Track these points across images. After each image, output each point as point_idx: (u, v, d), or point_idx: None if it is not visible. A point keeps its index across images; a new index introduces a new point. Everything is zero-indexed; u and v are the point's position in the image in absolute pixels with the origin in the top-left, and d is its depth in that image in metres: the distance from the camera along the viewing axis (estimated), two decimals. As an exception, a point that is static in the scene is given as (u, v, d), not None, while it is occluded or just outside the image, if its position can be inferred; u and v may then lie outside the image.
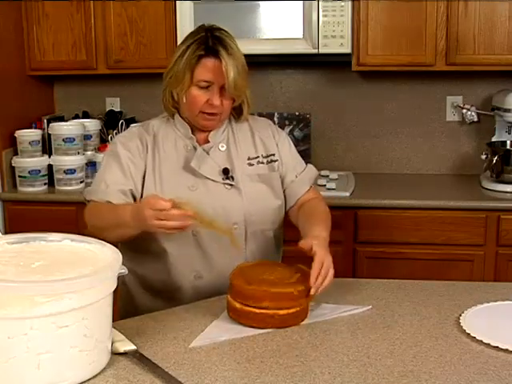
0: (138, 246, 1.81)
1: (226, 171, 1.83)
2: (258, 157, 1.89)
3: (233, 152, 1.87)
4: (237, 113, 1.91)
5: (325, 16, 2.99)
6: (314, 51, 3.01)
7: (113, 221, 1.71)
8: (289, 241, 1.93)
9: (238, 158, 1.87)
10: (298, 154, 2.00)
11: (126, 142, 1.84)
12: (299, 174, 1.95)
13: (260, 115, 2.32)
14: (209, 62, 1.76)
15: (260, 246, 1.88)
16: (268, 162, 1.90)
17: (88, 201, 1.82)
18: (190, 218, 1.53)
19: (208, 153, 1.84)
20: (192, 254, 1.80)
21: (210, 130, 1.86)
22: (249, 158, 1.88)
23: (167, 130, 1.87)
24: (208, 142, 1.86)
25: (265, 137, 1.93)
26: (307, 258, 1.87)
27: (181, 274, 1.81)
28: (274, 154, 1.92)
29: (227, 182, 1.82)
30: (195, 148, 1.84)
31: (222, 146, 1.87)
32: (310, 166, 2.01)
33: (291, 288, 1.50)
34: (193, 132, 1.87)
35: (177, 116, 1.87)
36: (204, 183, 1.82)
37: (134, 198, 1.80)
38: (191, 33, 1.82)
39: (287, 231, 1.98)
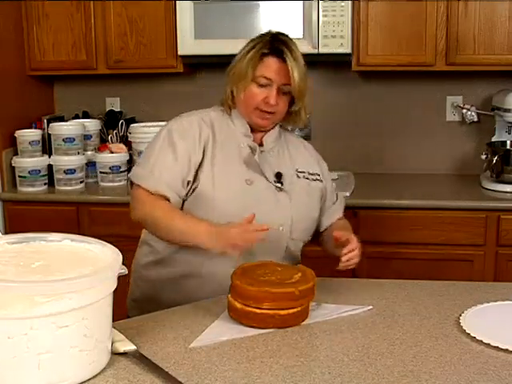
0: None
1: (278, 175, 1.88)
2: (304, 172, 1.94)
3: (283, 160, 1.92)
4: (292, 120, 1.94)
5: (325, 16, 2.99)
6: (314, 51, 3.01)
7: (177, 226, 1.72)
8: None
9: (287, 166, 1.91)
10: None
11: (183, 131, 1.83)
12: (335, 202, 2.04)
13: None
14: (272, 61, 1.81)
15: (291, 255, 1.89)
16: (313, 180, 1.95)
17: (134, 184, 1.82)
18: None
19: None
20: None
21: (263, 132, 1.90)
22: (297, 170, 1.93)
23: (224, 123, 1.89)
24: (261, 144, 1.90)
25: (312, 157, 2.01)
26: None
27: (220, 263, 1.75)
28: (319, 175, 1.97)
29: (278, 185, 1.86)
30: (250, 147, 1.87)
31: (273, 152, 1.91)
32: (341, 195, 2.10)
33: (292, 288, 1.50)
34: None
35: (235, 111, 1.89)
36: (259, 180, 1.84)
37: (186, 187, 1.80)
38: (257, 36, 1.86)
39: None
